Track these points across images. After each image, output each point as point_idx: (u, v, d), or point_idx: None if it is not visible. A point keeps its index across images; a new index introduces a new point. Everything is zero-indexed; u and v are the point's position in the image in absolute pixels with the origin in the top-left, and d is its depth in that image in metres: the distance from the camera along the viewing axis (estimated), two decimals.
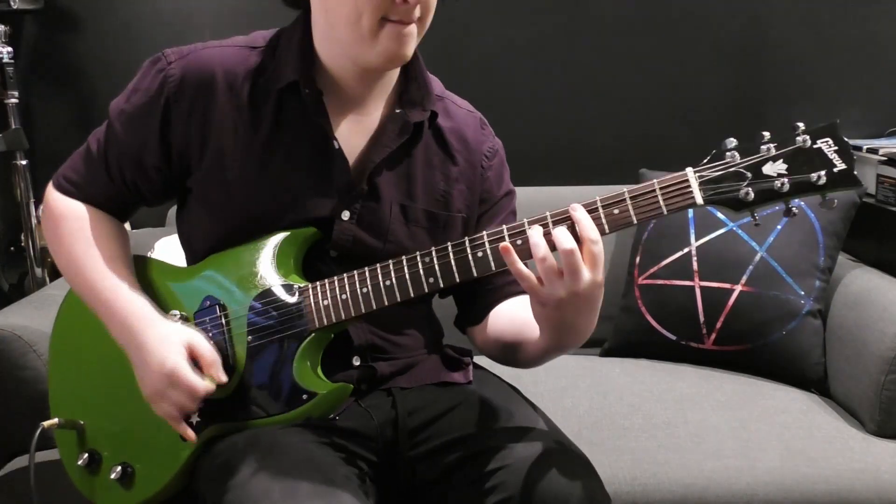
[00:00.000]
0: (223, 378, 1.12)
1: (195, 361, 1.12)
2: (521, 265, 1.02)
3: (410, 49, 1.12)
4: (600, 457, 1.47)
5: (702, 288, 1.86)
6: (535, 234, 1.01)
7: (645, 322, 1.90)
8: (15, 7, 2.18)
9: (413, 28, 1.10)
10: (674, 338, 1.88)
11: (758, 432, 1.56)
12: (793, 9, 2.29)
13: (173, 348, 1.11)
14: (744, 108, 2.34)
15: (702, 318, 1.85)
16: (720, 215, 1.90)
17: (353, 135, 1.20)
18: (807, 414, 1.65)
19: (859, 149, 2.10)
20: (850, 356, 1.71)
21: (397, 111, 1.21)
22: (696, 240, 1.90)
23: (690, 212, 1.92)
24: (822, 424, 1.61)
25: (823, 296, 1.84)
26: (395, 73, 1.22)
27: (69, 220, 1.23)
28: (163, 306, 1.20)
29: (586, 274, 1.00)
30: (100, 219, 1.24)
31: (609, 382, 1.76)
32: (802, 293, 1.82)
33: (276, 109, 1.17)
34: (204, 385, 1.10)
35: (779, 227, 1.87)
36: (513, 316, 1.24)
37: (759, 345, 1.82)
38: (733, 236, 1.88)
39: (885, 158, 2.00)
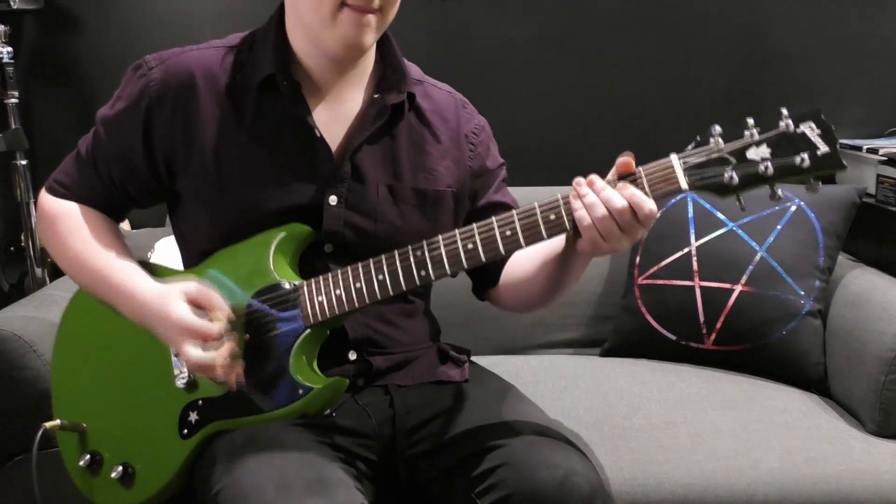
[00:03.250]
0: (227, 310, 1.13)
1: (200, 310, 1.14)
2: (584, 212, 1.03)
3: (369, 39, 1.15)
4: (600, 457, 1.47)
5: (702, 288, 1.86)
6: (592, 197, 1.03)
7: (645, 322, 1.90)
8: (15, 7, 2.18)
9: (372, 18, 1.13)
10: (674, 338, 1.88)
11: (758, 432, 1.56)
12: (793, 9, 2.29)
13: (173, 302, 1.13)
14: (744, 108, 2.33)
15: (702, 318, 1.85)
16: (720, 215, 1.90)
17: (332, 123, 1.22)
18: (807, 414, 1.65)
19: (859, 149, 2.10)
20: (850, 356, 1.71)
21: (375, 96, 1.23)
22: (696, 240, 1.90)
23: (690, 212, 1.92)
24: (822, 424, 1.61)
25: (823, 296, 1.84)
26: (369, 62, 1.25)
27: (65, 218, 1.25)
28: None
29: (640, 230, 1.04)
30: (94, 215, 1.26)
31: (609, 382, 1.76)
32: (802, 293, 1.82)
33: (257, 104, 1.20)
34: (214, 326, 1.11)
35: (779, 227, 1.87)
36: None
37: (759, 345, 1.82)
38: (733, 236, 1.88)
39: (885, 158, 1.99)
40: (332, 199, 1.20)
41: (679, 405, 1.65)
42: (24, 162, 2.23)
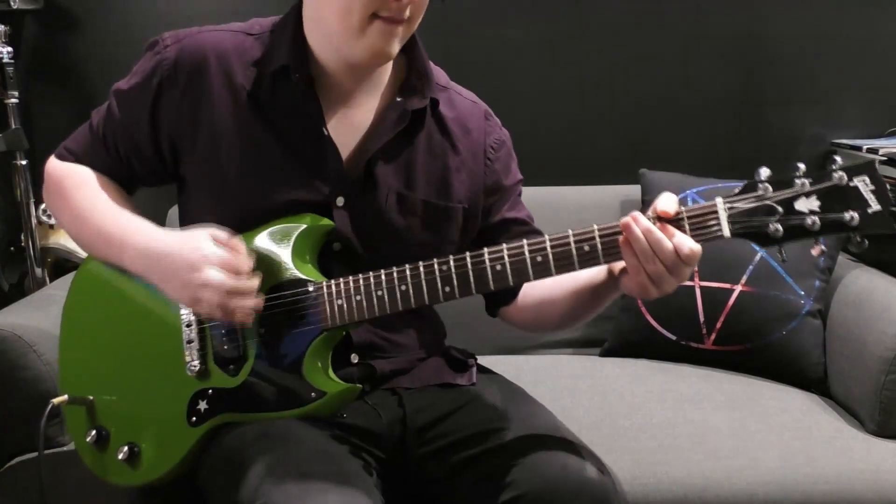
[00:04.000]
0: (250, 258, 1.10)
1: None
2: (632, 258, 1.01)
3: (395, 48, 1.13)
4: (600, 456, 1.47)
5: (702, 288, 1.86)
6: (643, 244, 1.00)
7: (645, 322, 1.90)
8: (15, 7, 2.18)
9: (401, 28, 1.11)
10: (674, 338, 1.88)
11: (758, 432, 1.56)
12: (793, 9, 2.29)
13: (202, 238, 1.10)
14: (744, 107, 2.34)
15: (702, 318, 1.85)
16: None
17: (345, 125, 1.21)
18: (807, 414, 1.65)
19: (859, 149, 2.10)
20: (850, 356, 1.71)
21: (397, 100, 1.21)
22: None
23: None
24: (822, 424, 1.61)
25: (823, 296, 1.84)
26: (389, 65, 1.22)
27: (71, 176, 1.25)
28: None
29: (687, 270, 1.01)
30: (102, 178, 1.26)
31: (609, 382, 1.76)
32: (802, 293, 1.82)
33: (270, 94, 1.19)
34: (243, 259, 1.09)
35: None
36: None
37: (759, 345, 1.82)
38: None
39: (885, 158, 2.00)
40: (340, 201, 1.19)
41: (679, 405, 1.65)
42: (24, 162, 2.23)
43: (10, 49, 2.18)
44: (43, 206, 1.31)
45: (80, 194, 1.23)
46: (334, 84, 1.20)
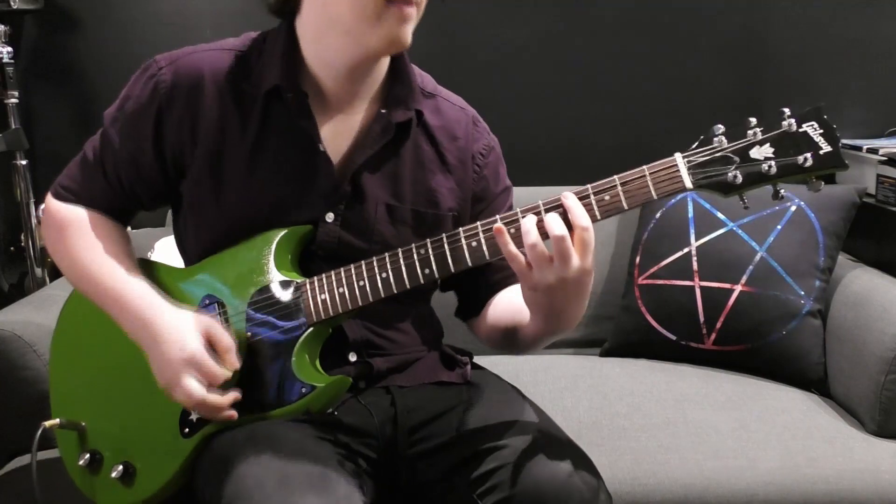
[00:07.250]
0: (237, 364, 1.13)
1: (211, 348, 1.13)
2: (512, 247, 1.03)
3: (409, 33, 1.13)
4: (600, 457, 1.46)
5: (702, 288, 1.86)
6: (528, 222, 1.02)
7: (645, 322, 1.90)
8: (15, 7, 2.18)
9: (413, 11, 1.11)
10: (674, 338, 1.88)
11: (758, 432, 1.56)
12: (793, 8, 2.29)
13: (191, 334, 1.12)
14: (744, 108, 2.34)
15: (702, 318, 1.85)
16: (720, 215, 1.90)
17: (337, 136, 1.21)
18: (807, 414, 1.65)
19: (859, 149, 2.10)
20: (850, 356, 1.71)
21: (382, 111, 1.21)
22: (697, 240, 1.90)
23: (690, 211, 1.92)
24: (822, 424, 1.61)
25: (823, 296, 1.84)
26: (380, 73, 1.22)
27: (71, 225, 1.24)
28: None
29: (576, 260, 1.01)
30: (101, 221, 1.25)
31: (609, 382, 1.76)
32: (802, 293, 1.82)
33: (263, 113, 1.18)
34: (222, 372, 1.11)
35: (779, 227, 1.87)
36: (509, 301, 1.26)
37: (759, 345, 1.82)
38: (733, 236, 1.88)
39: (885, 158, 1.99)
40: (329, 217, 1.19)
41: (679, 405, 1.66)
42: (24, 162, 2.24)
43: (10, 49, 2.19)
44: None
45: (82, 249, 1.22)
46: (328, 95, 1.20)
